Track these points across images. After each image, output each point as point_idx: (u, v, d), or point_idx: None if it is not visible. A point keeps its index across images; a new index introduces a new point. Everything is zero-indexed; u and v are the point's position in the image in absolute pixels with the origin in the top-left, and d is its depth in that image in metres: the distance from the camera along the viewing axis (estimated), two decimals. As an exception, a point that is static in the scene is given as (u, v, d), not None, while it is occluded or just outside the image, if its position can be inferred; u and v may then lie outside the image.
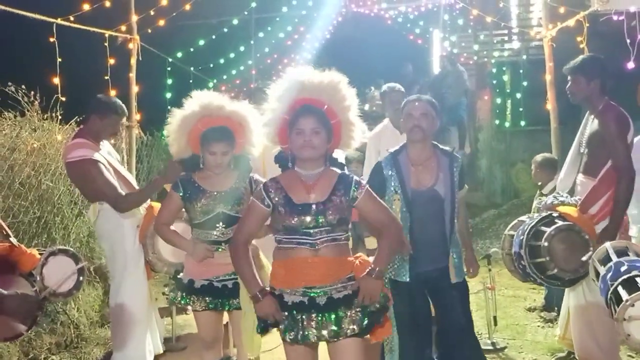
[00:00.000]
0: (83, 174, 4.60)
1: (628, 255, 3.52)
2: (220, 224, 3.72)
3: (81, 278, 4.08)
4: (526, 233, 4.17)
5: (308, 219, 3.09)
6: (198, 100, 3.76)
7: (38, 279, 3.77)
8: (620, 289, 3.23)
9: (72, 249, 4.19)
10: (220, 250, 3.72)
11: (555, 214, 4.20)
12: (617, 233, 4.09)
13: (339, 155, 3.41)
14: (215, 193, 3.73)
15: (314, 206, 3.10)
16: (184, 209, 3.86)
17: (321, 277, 3.09)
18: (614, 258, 3.50)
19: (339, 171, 3.23)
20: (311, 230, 3.09)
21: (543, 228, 4.14)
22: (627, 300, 3.11)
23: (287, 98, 3.22)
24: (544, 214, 4.25)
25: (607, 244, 3.70)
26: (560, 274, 4.05)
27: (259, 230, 3.31)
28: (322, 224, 3.08)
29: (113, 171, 4.69)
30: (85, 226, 6.50)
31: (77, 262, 4.05)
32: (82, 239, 6.44)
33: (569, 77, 4.46)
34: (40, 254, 3.89)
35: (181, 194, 3.74)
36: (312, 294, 3.08)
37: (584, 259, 3.93)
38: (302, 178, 3.17)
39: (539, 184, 6.04)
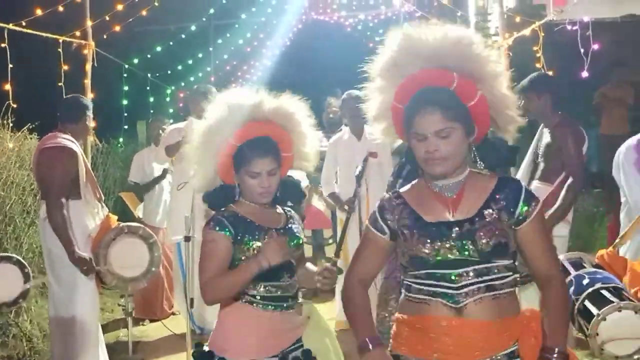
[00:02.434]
0: (57, 161, 4.43)
1: (584, 267, 3.56)
2: (285, 273, 2.69)
3: (27, 285, 3.95)
4: None
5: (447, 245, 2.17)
6: (225, 103, 2.70)
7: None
8: (587, 303, 3.20)
9: (15, 256, 4.07)
10: (284, 309, 2.69)
11: None
12: (553, 227, 4.39)
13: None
14: (274, 231, 2.69)
15: (455, 226, 2.18)
16: None
17: (465, 350, 2.15)
18: (572, 271, 3.52)
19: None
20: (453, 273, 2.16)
21: None
22: (598, 315, 3.08)
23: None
24: None
25: (562, 256, 3.76)
26: (520, 269, 4.15)
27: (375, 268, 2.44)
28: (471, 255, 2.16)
29: (85, 171, 4.57)
30: (37, 236, 6.33)
31: (23, 268, 3.91)
32: (34, 249, 6.27)
33: (520, 97, 4.59)
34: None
35: (231, 236, 2.61)
36: None
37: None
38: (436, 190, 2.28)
39: None
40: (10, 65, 5.51)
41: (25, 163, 6.22)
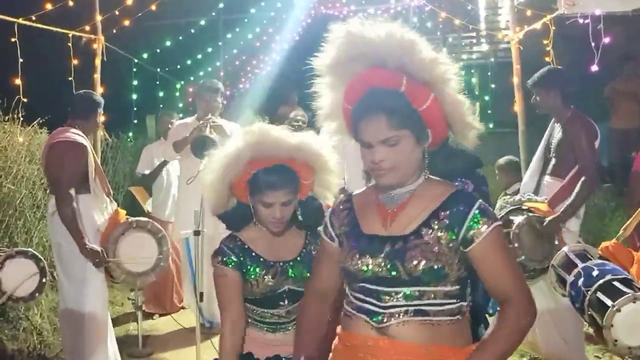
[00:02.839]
0: (66, 156, 4.46)
1: (589, 259, 3.56)
2: (285, 301, 2.67)
3: (44, 280, 3.96)
4: None
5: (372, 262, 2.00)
6: (245, 136, 2.59)
7: (-5, 284, 3.65)
8: (600, 294, 3.22)
9: (31, 250, 4.07)
10: (280, 332, 2.71)
11: (524, 207, 4.33)
12: (564, 222, 4.37)
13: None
14: (280, 265, 2.66)
15: (388, 243, 2.00)
16: None
17: None
18: (579, 263, 3.52)
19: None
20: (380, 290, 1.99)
21: (513, 217, 4.30)
22: (613, 306, 3.10)
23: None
24: (513, 206, 4.38)
25: (566, 249, 3.81)
26: (526, 262, 4.17)
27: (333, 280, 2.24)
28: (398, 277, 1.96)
29: (94, 166, 4.59)
30: (48, 230, 6.36)
31: (38, 262, 3.93)
32: (45, 243, 6.29)
33: (533, 92, 4.69)
34: (-5, 256, 3.77)
35: (235, 267, 2.62)
36: None
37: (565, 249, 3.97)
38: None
39: (505, 188, 6.15)
40: (21, 60, 5.53)
41: (35, 157, 6.23)
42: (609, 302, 3.13)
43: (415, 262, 1.93)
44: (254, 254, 2.65)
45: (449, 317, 1.97)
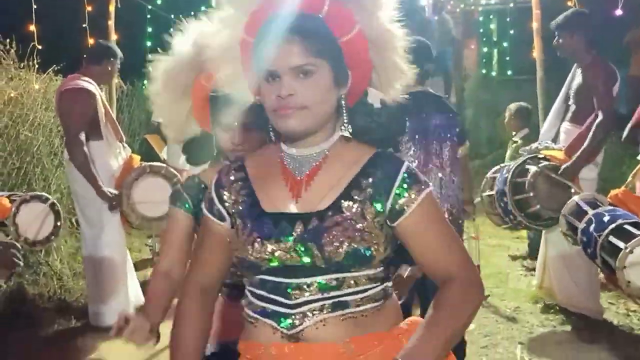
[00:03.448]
0: (75, 102, 4.51)
1: (599, 207, 3.59)
2: None
3: (59, 223, 4.00)
4: (512, 171, 4.29)
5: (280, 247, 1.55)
6: (192, 36, 2.13)
7: (12, 229, 3.69)
8: (612, 238, 3.27)
9: (45, 194, 4.12)
10: None
11: (540, 156, 4.32)
12: (580, 169, 4.32)
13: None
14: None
15: (299, 222, 1.55)
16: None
17: None
18: (590, 210, 3.55)
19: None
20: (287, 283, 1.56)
21: (528, 166, 4.29)
22: (626, 248, 3.15)
23: None
24: (530, 155, 4.36)
25: (576, 197, 3.82)
26: (541, 211, 4.18)
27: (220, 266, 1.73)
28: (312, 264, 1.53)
29: (104, 112, 4.63)
30: (65, 177, 6.42)
31: (53, 206, 3.96)
32: (62, 190, 6.36)
33: (555, 34, 4.59)
34: (11, 202, 3.80)
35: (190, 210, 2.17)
36: None
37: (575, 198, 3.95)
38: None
39: (513, 133, 6.14)
40: (35, 7, 5.50)
41: (51, 105, 6.25)
42: (621, 245, 3.18)
43: (336, 244, 1.50)
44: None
45: (374, 303, 1.58)
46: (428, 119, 3.56)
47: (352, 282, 1.55)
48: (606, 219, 3.37)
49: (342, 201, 1.55)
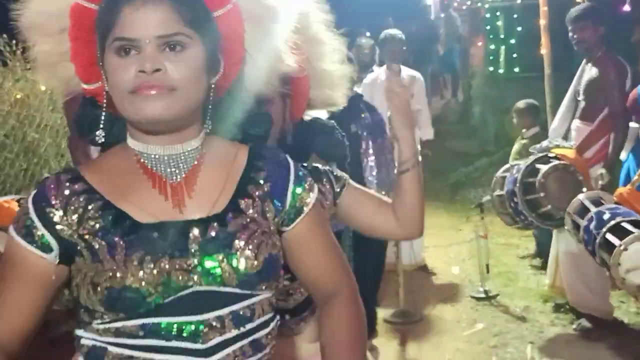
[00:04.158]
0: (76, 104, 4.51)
1: (603, 205, 3.58)
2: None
3: None
4: (522, 171, 4.24)
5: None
6: None
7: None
8: (609, 235, 3.27)
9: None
10: None
11: (551, 155, 4.30)
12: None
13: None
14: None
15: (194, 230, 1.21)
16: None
17: None
18: (592, 208, 3.55)
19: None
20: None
21: (539, 166, 4.23)
22: (620, 245, 3.15)
23: None
24: (540, 154, 4.34)
25: (581, 196, 3.82)
26: (552, 211, 4.16)
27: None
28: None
29: None
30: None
31: None
32: (70, 191, 6.37)
33: (571, 27, 4.50)
34: (20, 205, 3.81)
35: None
36: None
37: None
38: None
39: (523, 130, 6.09)
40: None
41: (58, 106, 6.25)
42: (616, 242, 3.19)
43: (250, 248, 1.20)
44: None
45: (275, 339, 1.31)
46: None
47: (261, 309, 1.25)
48: (606, 216, 3.37)
49: (239, 200, 1.26)
